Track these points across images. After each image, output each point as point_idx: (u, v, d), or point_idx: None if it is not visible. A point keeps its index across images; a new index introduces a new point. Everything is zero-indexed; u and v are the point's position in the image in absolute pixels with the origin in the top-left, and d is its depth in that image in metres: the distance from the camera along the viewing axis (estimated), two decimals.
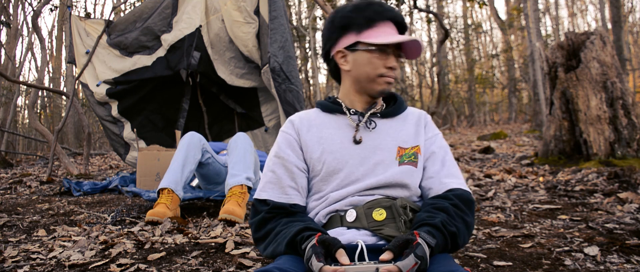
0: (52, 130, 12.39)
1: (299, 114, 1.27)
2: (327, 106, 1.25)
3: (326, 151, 1.16)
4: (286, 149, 1.19)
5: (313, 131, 1.20)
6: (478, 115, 20.40)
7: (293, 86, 3.26)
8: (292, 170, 1.17)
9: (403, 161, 1.15)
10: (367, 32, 1.15)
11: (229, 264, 1.65)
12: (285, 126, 1.24)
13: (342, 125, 1.20)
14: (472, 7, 20.68)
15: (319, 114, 1.25)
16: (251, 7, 3.43)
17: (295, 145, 1.20)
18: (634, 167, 3.01)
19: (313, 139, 1.19)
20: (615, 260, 1.55)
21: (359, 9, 1.16)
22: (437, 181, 1.16)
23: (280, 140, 1.22)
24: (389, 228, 1.06)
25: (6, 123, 9.26)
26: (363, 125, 1.18)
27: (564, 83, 3.88)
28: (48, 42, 15.47)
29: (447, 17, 19.14)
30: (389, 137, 1.18)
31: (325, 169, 1.15)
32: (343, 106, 1.21)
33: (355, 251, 0.99)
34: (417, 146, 1.19)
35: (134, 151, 4.07)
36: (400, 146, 1.17)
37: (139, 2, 10.10)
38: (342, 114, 1.22)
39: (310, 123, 1.22)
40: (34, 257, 1.80)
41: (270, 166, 1.19)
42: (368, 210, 1.09)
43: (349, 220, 1.10)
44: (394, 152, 1.16)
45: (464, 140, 9.48)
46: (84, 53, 4.03)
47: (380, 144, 1.17)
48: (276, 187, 1.16)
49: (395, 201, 1.10)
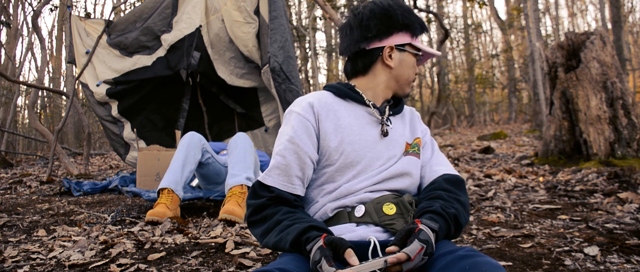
0: (52, 130, 12.39)
1: (315, 96, 1.20)
2: (344, 92, 1.21)
3: (345, 141, 1.14)
4: (303, 135, 1.12)
5: (331, 117, 1.17)
6: (478, 115, 20.40)
7: (293, 86, 3.26)
8: (304, 160, 1.11)
9: (408, 152, 1.20)
10: (419, 37, 1.23)
11: (229, 264, 1.65)
12: (303, 109, 1.15)
13: (358, 116, 1.19)
14: (472, 7, 20.68)
15: (333, 98, 1.21)
16: (251, 7, 3.43)
17: (312, 132, 1.13)
18: (634, 167, 3.01)
19: (331, 127, 1.15)
20: (615, 260, 1.55)
21: (412, 13, 1.21)
22: (428, 169, 1.23)
23: (296, 124, 1.13)
24: (399, 223, 1.06)
25: (6, 123, 9.26)
26: (386, 121, 1.21)
27: (564, 83, 3.88)
28: (48, 42, 15.47)
29: (447, 17, 19.13)
30: (397, 133, 1.22)
31: (342, 160, 1.13)
32: (364, 98, 1.21)
33: (367, 248, 0.97)
34: (418, 138, 1.25)
35: (134, 151, 4.07)
36: (407, 141, 1.23)
37: (139, 2, 10.10)
38: (359, 104, 1.20)
39: (328, 108, 1.17)
40: (34, 257, 1.80)
41: (281, 150, 1.12)
42: (377, 205, 1.09)
43: (358, 215, 1.08)
44: (403, 147, 1.20)
45: (464, 140, 9.48)
46: (84, 53, 4.03)
47: (394, 140, 1.20)
48: (283, 175, 1.10)
49: (403, 197, 1.11)
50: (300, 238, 0.98)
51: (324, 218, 1.14)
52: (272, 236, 1.05)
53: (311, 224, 1.01)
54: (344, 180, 1.13)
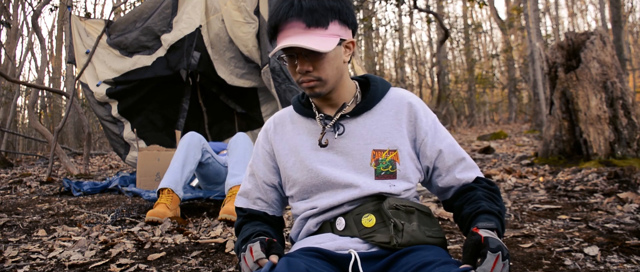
0: (52, 130, 12.38)
1: (275, 116, 1.22)
2: (298, 108, 1.17)
3: (298, 160, 1.11)
4: (259, 162, 1.20)
5: (285, 139, 1.16)
6: (478, 115, 20.40)
7: (293, 86, 3.26)
8: (261, 186, 1.19)
9: (380, 174, 1.06)
10: (278, 38, 1.06)
11: (229, 264, 1.65)
12: (261, 135, 1.22)
13: (312, 131, 1.13)
14: (472, 7, 20.67)
15: (293, 115, 1.19)
16: (251, 7, 3.43)
17: (267, 159, 1.19)
18: (634, 167, 3.01)
19: (285, 148, 1.15)
20: (615, 260, 1.55)
21: (276, 6, 1.06)
22: (452, 178, 1.10)
23: (256, 151, 1.22)
24: (380, 234, 1.00)
25: (6, 123, 9.26)
26: (330, 131, 1.10)
27: (564, 83, 3.88)
28: (48, 42, 15.47)
29: (447, 17, 19.13)
30: (361, 140, 1.08)
31: (303, 180, 1.10)
32: (313, 107, 1.14)
33: (348, 261, 0.96)
34: (394, 152, 1.07)
35: (134, 151, 4.07)
36: (375, 148, 1.07)
37: (139, 2, 10.10)
38: (312, 117, 1.14)
39: (284, 129, 1.18)
40: (34, 257, 1.80)
41: (247, 175, 1.22)
42: (356, 216, 1.04)
43: (339, 229, 1.05)
44: (367, 157, 1.07)
45: (464, 140, 9.48)
46: (84, 53, 4.03)
47: (351, 149, 1.08)
48: (246, 198, 1.20)
49: (383, 204, 1.03)
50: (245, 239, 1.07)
51: (309, 233, 1.12)
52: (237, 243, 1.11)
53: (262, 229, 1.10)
54: (316, 197, 1.10)
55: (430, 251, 0.96)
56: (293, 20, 1.02)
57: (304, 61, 1.03)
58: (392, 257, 0.97)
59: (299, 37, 1.01)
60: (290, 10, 1.02)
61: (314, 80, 1.05)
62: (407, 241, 0.98)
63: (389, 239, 0.99)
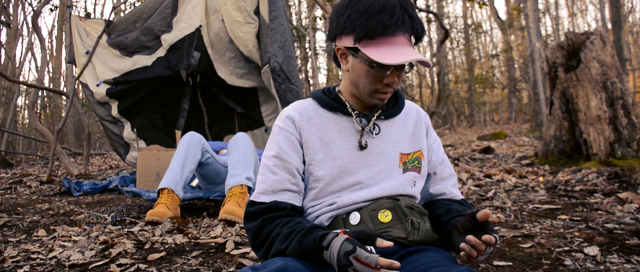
0: (52, 130, 12.38)
1: (296, 107, 1.16)
2: (327, 103, 1.15)
3: (329, 157, 1.10)
4: (288, 149, 1.11)
5: (313, 131, 1.12)
6: (478, 115, 20.40)
7: (293, 86, 3.27)
8: (294, 173, 1.10)
9: (407, 168, 1.13)
10: (369, 43, 1.02)
11: (229, 264, 1.65)
12: (285, 123, 1.13)
13: (344, 128, 1.13)
14: (472, 7, 20.68)
15: (317, 109, 1.16)
16: (251, 7, 3.43)
17: (297, 145, 1.11)
18: (634, 167, 3.01)
19: (314, 141, 1.12)
20: (615, 260, 1.55)
21: (369, 13, 1.01)
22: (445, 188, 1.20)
23: (280, 139, 1.12)
24: (396, 230, 1.03)
25: (6, 123, 9.26)
26: (367, 131, 1.13)
27: (564, 83, 3.88)
28: (48, 42, 15.47)
29: (447, 17, 19.14)
30: (390, 143, 1.14)
31: (329, 175, 1.09)
32: (348, 106, 1.14)
33: None
34: (419, 151, 1.16)
35: (134, 151, 4.07)
36: (402, 152, 1.14)
37: (139, 2, 10.10)
38: (343, 114, 1.14)
39: (310, 121, 1.13)
40: (34, 257, 1.80)
41: (271, 167, 1.10)
42: (372, 212, 1.06)
43: (353, 223, 1.06)
44: (396, 160, 1.12)
45: (464, 140, 9.48)
46: (84, 53, 4.03)
47: (383, 151, 1.12)
48: (271, 193, 1.08)
49: (399, 202, 1.07)
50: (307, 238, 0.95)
51: None
52: (278, 245, 1.00)
53: (313, 225, 1.00)
54: (336, 195, 1.09)
55: (440, 253, 1.01)
56: (402, 32, 1.02)
57: (395, 74, 1.06)
58: (401, 254, 1.03)
59: (411, 50, 1.02)
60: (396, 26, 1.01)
61: (391, 92, 1.09)
62: (421, 239, 1.04)
63: (406, 234, 1.04)
